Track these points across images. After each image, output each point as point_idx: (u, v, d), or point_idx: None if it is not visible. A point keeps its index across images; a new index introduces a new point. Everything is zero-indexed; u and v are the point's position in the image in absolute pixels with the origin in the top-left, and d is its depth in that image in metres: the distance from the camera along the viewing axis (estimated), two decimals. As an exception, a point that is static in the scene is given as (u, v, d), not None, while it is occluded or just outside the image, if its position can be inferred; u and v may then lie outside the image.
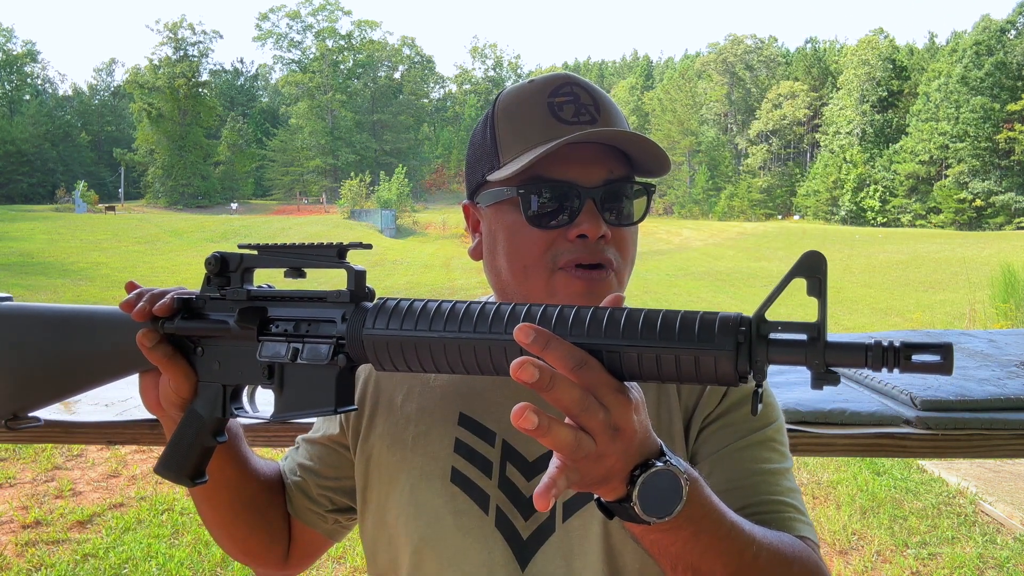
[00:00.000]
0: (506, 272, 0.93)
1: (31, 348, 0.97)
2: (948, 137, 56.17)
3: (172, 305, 0.83)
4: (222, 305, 0.82)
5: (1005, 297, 10.20)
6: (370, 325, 0.71)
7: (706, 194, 71.43)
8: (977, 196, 54.29)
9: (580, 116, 0.90)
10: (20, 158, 66.06)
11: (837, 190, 62.24)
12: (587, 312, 0.65)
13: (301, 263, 0.79)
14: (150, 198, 64.62)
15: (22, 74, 79.66)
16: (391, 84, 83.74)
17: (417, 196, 66.02)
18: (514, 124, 0.92)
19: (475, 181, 0.97)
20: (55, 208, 47.65)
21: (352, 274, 0.77)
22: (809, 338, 0.58)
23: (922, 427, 1.36)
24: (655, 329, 0.61)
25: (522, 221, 0.89)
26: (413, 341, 0.69)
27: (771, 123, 71.31)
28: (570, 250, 0.88)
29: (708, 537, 0.71)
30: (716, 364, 0.59)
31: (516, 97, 0.94)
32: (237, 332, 0.80)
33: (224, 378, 0.84)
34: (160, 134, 63.67)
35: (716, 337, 0.59)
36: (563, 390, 0.61)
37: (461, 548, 0.90)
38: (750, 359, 0.59)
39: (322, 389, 0.76)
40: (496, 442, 0.94)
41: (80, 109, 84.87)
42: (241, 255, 0.82)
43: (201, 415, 0.85)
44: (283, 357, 0.77)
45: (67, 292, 16.24)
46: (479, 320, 0.67)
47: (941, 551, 3.95)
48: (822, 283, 0.57)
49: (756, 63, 77.20)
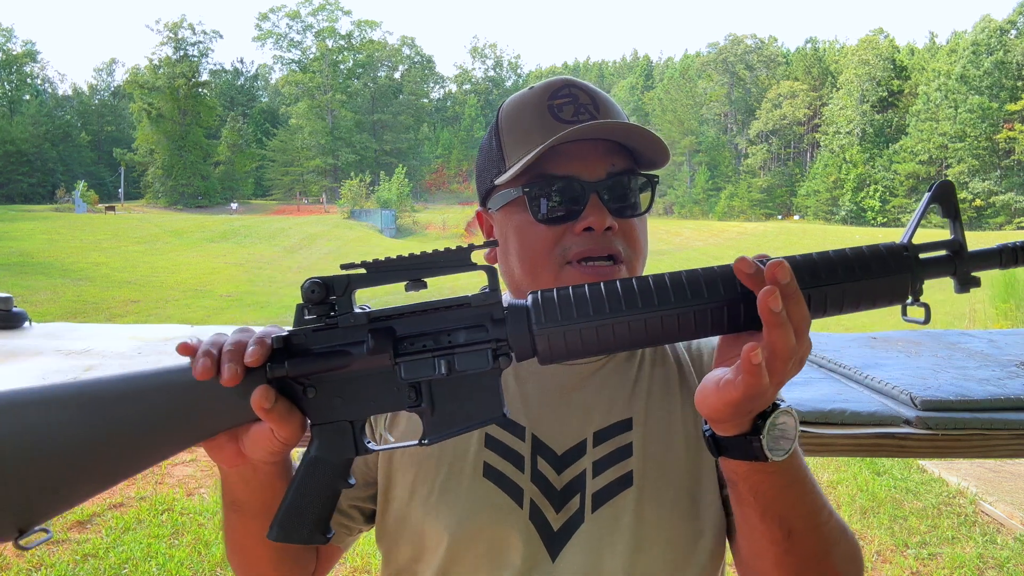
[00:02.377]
0: (518, 271, 0.95)
1: (47, 443, 0.73)
2: (948, 137, 56.20)
3: (265, 352, 0.71)
4: (335, 335, 0.72)
5: (1005, 297, 10.20)
6: (541, 321, 0.69)
7: (706, 194, 71.44)
8: (977, 196, 54.31)
9: (579, 115, 0.92)
10: (20, 158, 66.02)
11: (837, 190, 62.25)
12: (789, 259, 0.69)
13: (424, 273, 0.71)
14: (150, 198, 64.59)
15: (22, 74, 79.54)
16: (391, 84, 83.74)
17: (417, 196, 66.02)
18: (516, 129, 0.94)
19: (484, 188, 1.00)
20: (55, 208, 47.58)
21: (492, 274, 0.73)
22: (952, 252, 0.69)
23: (922, 427, 1.35)
24: (841, 269, 0.68)
25: (529, 219, 0.92)
26: (594, 327, 0.68)
27: (771, 123, 71.30)
28: (578, 243, 0.90)
29: (798, 488, 0.77)
30: (894, 288, 0.69)
31: (518, 104, 0.97)
32: (366, 360, 0.72)
33: (351, 413, 0.74)
34: (160, 134, 63.64)
35: (892, 266, 0.68)
36: (799, 307, 0.66)
37: (497, 542, 0.92)
38: (916, 279, 0.69)
39: (485, 395, 0.72)
40: (526, 436, 0.96)
41: (80, 109, 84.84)
42: (348, 276, 0.72)
43: (327, 460, 0.75)
44: (437, 373, 0.71)
45: (67, 292, 16.24)
46: (663, 292, 0.69)
47: (941, 551, 3.95)
48: (955, 206, 0.68)
49: (756, 63, 77.17)
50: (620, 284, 0.70)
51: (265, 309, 15.24)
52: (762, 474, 0.74)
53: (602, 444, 0.95)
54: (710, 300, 0.68)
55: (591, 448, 0.95)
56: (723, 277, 0.69)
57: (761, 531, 0.79)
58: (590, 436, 0.95)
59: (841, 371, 1.72)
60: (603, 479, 0.93)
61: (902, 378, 1.57)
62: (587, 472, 0.94)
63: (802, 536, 0.78)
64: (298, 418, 0.73)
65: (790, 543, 0.78)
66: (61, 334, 2.38)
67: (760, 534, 0.79)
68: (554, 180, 0.90)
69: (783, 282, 0.65)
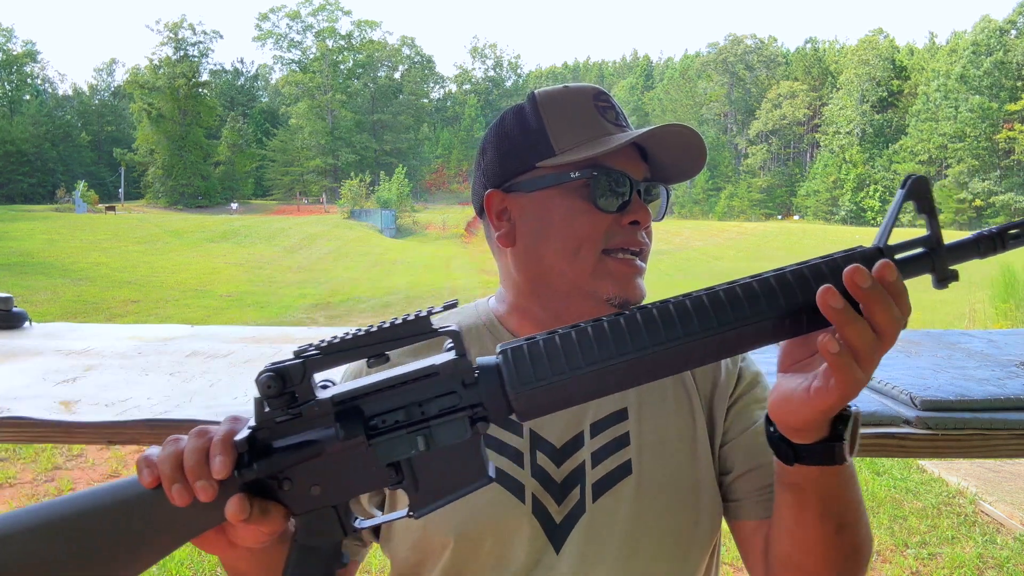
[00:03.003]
0: (554, 254, 0.97)
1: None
2: (947, 137, 56.24)
3: (232, 460, 0.66)
4: (298, 425, 0.68)
5: (1005, 297, 10.21)
6: (515, 382, 0.65)
7: (706, 194, 71.48)
8: (977, 196, 54.35)
9: (620, 121, 1.00)
10: (20, 158, 66.03)
11: (837, 190, 62.29)
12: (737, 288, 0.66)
13: (384, 348, 0.67)
14: (150, 198, 64.59)
15: (22, 74, 79.52)
16: (391, 84, 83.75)
17: (417, 196, 66.06)
18: (567, 118, 0.98)
19: (514, 169, 0.99)
20: (55, 208, 47.54)
21: (457, 339, 0.68)
22: (929, 249, 0.66)
23: (922, 427, 1.35)
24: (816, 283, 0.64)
25: (582, 204, 0.96)
26: (576, 380, 0.65)
27: (771, 123, 71.34)
28: (621, 234, 0.96)
29: (853, 483, 0.79)
30: None
31: (562, 96, 1.00)
32: (337, 446, 0.68)
33: (331, 499, 0.70)
34: (160, 134, 63.64)
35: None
36: (883, 312, 0.63)
37: (503, 538, 0.93)
38: None
39: (468, 463, 0.69)
40: (523, 432, 0.97)
41: (80, 109, 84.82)
42: (303, 363, 0.67)
43: (316, 547, 0.72)
44: (414, 450, 0.68)
45: (67, 292, 16.25)
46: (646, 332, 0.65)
47: (941, 551, 3.95)
48: (930, 202, 0.65)
49: (756, 63, 77.20)
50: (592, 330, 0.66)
51: (265, 309, 15.25)
52: (831, 476, 0.75)
53: (599, 435, 0.97)
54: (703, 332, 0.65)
55: (588, 439, 0.97)
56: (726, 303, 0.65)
57: (816, 529, 0.79)
58: (587, 427, 0.97)
59: (841, 371, 1.72)
60: (602, 468, 0.95)
61: (902, 378, 1.57)
62: (586, 463, 0.95)
63: (851, 528, 0.80)
64: (279, 512, 0.69)
65: (839, 538, 0.80)
66: (61, 334, 2.38)
67: (815, 532, 0.80)
68: (612, 172, 0.95)
69: (864, 285, 0.63)
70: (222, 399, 1.63)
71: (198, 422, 1.51)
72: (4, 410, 1.50)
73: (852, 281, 0.62)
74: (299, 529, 0.72)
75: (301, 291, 18.28)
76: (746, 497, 0.96)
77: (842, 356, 0.63)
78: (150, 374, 1.85)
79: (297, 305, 15.84)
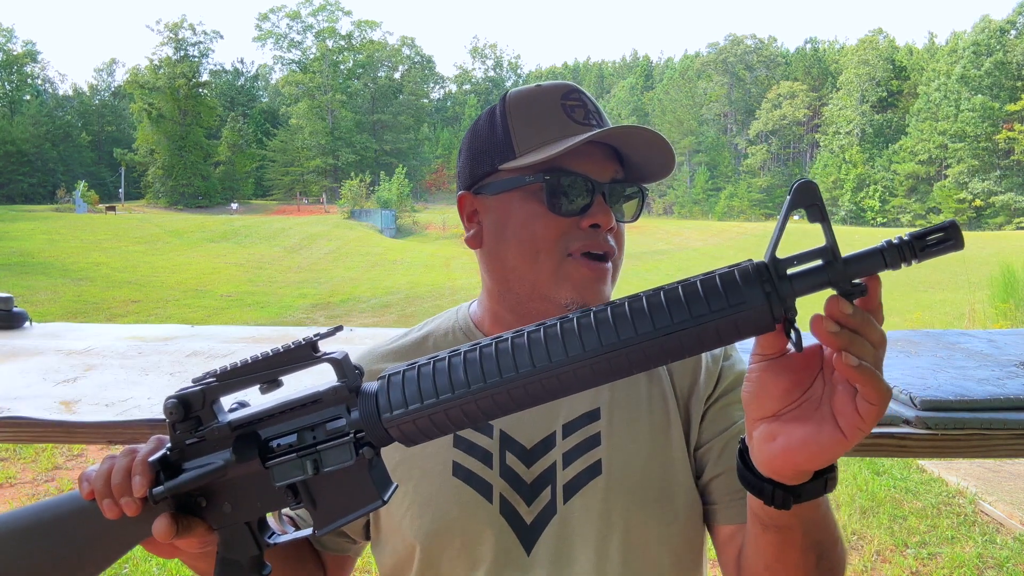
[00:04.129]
0: (514, 257, 0.96)
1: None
2: (947, 137, 56.23)
3: (149, 479, 0.72)
4: (205, 447, 0.74)
5: (1005, 297, 10.20)
6: (387, 409, 0.66)
7: (706, 194, 71.48)
8: (977, 196, 54.33)
9: (590, 119, 0.96)
10: (20, 158, 66.03)
11: (837, 190, 62.25)
12: (615, 309, 0.61)
13: (274, 374, 0.71)
14: (150, 198, 64.59)
15: (22, 74, 79.53)
16: (391, 84, 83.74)
17: (417, 196, 66.05)
18: (530, 119, 0.96)
19: (480, 171, 0.99)
20: (55, 208, 47.55)
21: (338, 365, 0.69)
22: (825, 262, 0.59)
23: (922, 427, 1.36)
24: (693, 307, 0.60)
25: (539, 208, 0.94)
26: (443, 407, 0.64)
27: (771, 123, 71.36)
28: (581, 237, 0.94)
29: (827, 508, 0.76)
30: (754, 318, 0.59)
31: (529, 96, 0.98)
32: (239, 468, 0.72)
33: (242, 517, 0.75)
34: (160, 134, 63.63)
35: (744, 294, 0.59)
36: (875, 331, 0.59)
37: (470, 538, 0.93)
38: (781, 301, 0.59)
39: (360, 487, 0.71)
40: (494, 433, 0.97)
41: (80, 109, 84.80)
42: (203, 391, 0.72)
43: (236, 560, 0.77)
44: (304, 474, 0.70)
45: (67, 292, 16.25)
46: (515, 355, 0.63)
47: (941, 551, 3.95)
48: (821, 208, 0.59)
49: (756, 63, 77.20)
50: (465, 356, 0.64)
51: (265, 309, 15.24)
52: (815, 507, 0.72)
53: (571, 435, 0.96)
54: (588, 354, 0.61)
55: (560, 440, 0.96)
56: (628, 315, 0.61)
57: (799, 565, 0.77)
58: (559, 428, 0.97)
59: (841, 371, 1.72)
60: (572, 469, 0.94)
61: (902, 378, 1.57)
62: (557, 464, 0.95)
63: (829, 552, 0.77)
64: (202, 526, 0.75)
65: (820, 566, 0.77)
66: (61, 334, 2.38)
67: (795, 565, 0.77)
68: (570, 175, 0.93)
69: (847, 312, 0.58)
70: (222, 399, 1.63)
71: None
72: (4, 410, 1.50)
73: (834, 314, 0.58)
74: (220, 543, 0.77)
75: (301, 291, 18.28)
76: (720, 500, 0.95)
77: (863, 368, 0.57)
78: (150, 374, 1.85)
79: (297, 305, 15.83)
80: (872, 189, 60.37)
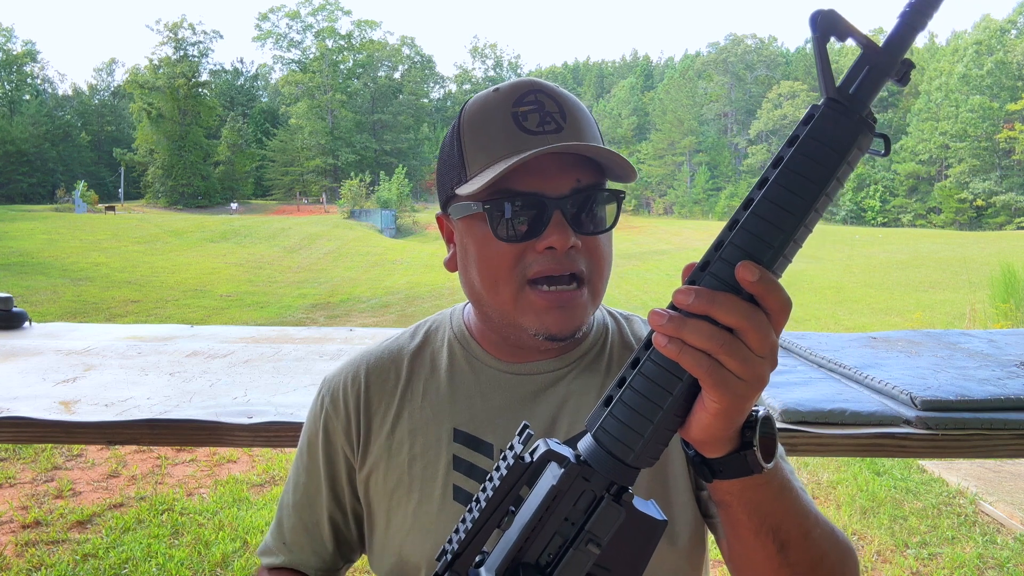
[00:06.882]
0: (478, 284, 0.93)
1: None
2: (948, 137, 56.21)
3: None
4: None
5: (1005, 297, 10.19)
6: (626, 453, 0.65)
7: (706, 194, 71.45)
8: (977, 196, 54.32)
9: (545, 125, 0.88)
10: (20, 158, 66.00)
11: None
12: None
13: (504, 508, 0.68)
14: (150, 198, 64.56)
15: (22, 74, 79.46)
16: (391, 84, 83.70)
17: (417, 196, 65.97)
18: (479, 137, 0.91)
19: (445, 194, 0.97)
20: (55, 208, 47.49)
21: (558, 459, 0.67)
22: (871, 64, 0.61)
23: (922, 427, 1.35)
24: (814, 175, 0.61)
25: (491, 235, 0.88)
26: (663, 422, 0.64)
27: (771, 123, 71.32)
28: (539, 261, 0.87)
29: (788, 494, 0.73)
30: (864, 144, 0.62)
31: (481, 108, 0.92)
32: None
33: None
34: (160, 134, 63.62)
35: (848, 130, 0.62)
36: (729, 305, 0.59)
37: None
38: (865, 117, 0.62)
39: (638, 526, 0.68)
40: (494, 454, 0.95)
41: (80, 109, 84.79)
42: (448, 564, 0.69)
43: None
44: (591, 558, 0.67)
45: (67, 292, 16.24)
46: None
47: (941, 551, 3.95)
48: (848, 25, 0.61)
49: (756, 63, 77.18)
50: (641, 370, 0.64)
51: (265, 309, 15.24)
52: (755, 488, 0.70)
53: None
54: None
55: None
56: None
57: (756, 548, 0.76)
58: None
59: (841, 371, 1.72)
60: None
61: (902, 378, 1.57)
62: None
63: (796, 546, 0.75)
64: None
65: (784, 556, 0.75)
66: (61, 334, 2.38)
67: (755, 552, 0.76)
68: (516, 196, 0.86)
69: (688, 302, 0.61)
70: (222, 399, 1.63)
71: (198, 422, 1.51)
72: (4, 410, 1.50)
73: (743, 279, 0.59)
74: None
75: (301, 291, 18.26)
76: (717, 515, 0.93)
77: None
78: (150, 374, 1.85)
79: (297, 305, 15.82)
80: (873, 189, 60.33)
